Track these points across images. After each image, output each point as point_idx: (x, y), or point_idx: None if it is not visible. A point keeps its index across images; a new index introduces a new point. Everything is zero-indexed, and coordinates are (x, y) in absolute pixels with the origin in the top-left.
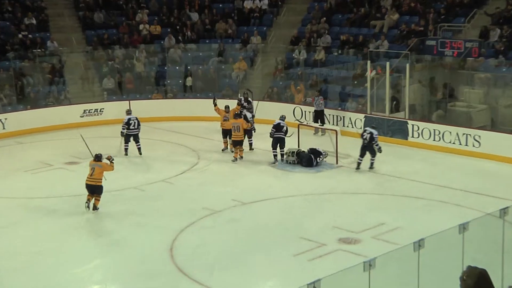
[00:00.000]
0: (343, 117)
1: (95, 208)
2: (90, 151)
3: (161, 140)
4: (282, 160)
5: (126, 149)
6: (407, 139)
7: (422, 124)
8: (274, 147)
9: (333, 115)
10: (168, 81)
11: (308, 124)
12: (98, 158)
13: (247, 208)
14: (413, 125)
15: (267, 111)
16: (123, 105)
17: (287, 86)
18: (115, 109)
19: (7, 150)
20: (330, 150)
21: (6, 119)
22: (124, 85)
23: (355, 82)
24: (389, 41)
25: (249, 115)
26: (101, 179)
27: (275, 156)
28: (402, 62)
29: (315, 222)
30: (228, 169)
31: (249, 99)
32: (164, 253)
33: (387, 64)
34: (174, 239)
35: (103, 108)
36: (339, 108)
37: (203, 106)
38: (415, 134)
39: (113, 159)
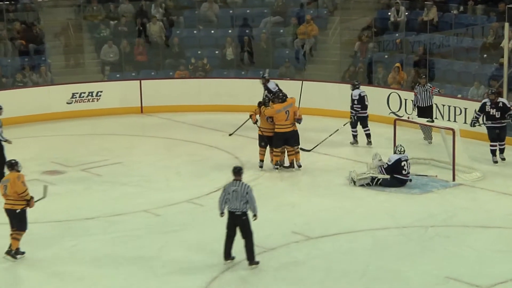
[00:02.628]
0: (465, 109)
1: (299, 166)
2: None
3: (185, 140)
4: (368, 143)
5: None
6: None
7: None
8: (353, 125)
9: (449, 106)
10: (199, 52)
11: (411, 120)
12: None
13: (315, 246)
14: None
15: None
16: (130, 86)
17: (378, 61)
18: (119, 93)
19: None
20: (443, 160)
21: None
22: (133, 56)
23: (485, 56)
24: None
25: None
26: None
27: (354, 136)
28: None
29: (419, 269)
30: (287, 186)
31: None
32: None
33: None
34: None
35: (101, 91)
36: (459, 96)
37: (251, 89)
38: None
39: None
